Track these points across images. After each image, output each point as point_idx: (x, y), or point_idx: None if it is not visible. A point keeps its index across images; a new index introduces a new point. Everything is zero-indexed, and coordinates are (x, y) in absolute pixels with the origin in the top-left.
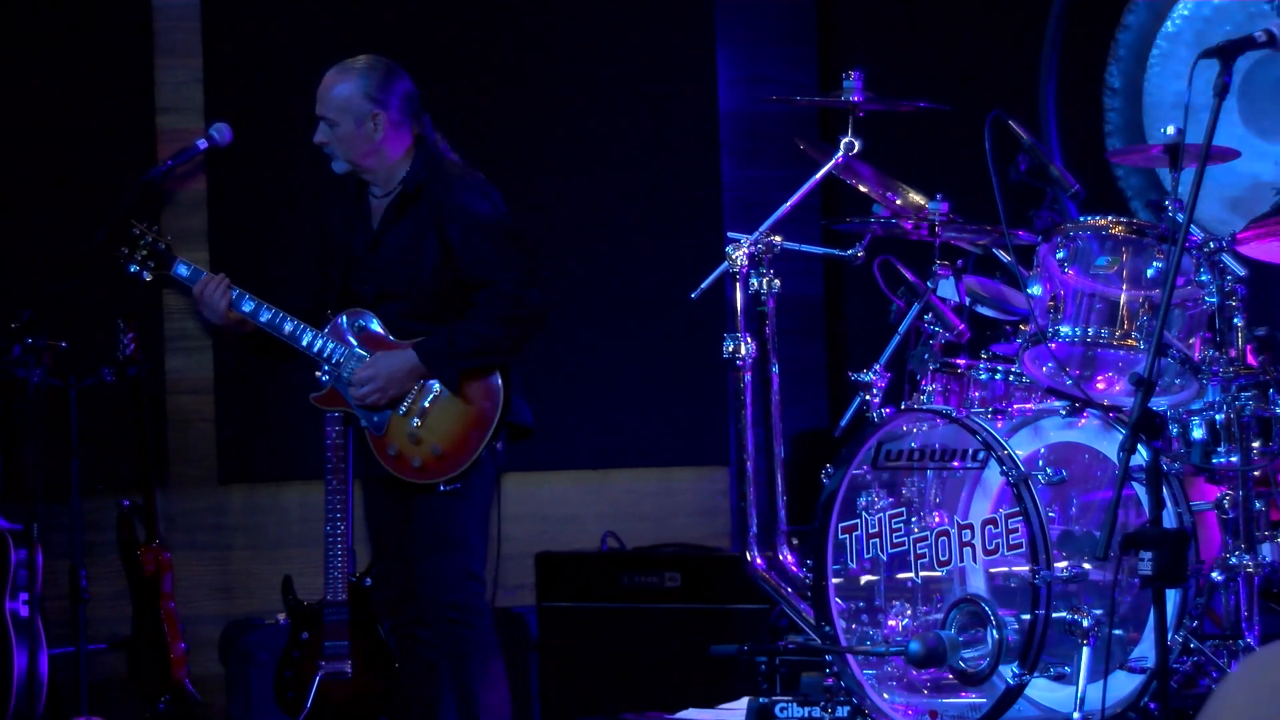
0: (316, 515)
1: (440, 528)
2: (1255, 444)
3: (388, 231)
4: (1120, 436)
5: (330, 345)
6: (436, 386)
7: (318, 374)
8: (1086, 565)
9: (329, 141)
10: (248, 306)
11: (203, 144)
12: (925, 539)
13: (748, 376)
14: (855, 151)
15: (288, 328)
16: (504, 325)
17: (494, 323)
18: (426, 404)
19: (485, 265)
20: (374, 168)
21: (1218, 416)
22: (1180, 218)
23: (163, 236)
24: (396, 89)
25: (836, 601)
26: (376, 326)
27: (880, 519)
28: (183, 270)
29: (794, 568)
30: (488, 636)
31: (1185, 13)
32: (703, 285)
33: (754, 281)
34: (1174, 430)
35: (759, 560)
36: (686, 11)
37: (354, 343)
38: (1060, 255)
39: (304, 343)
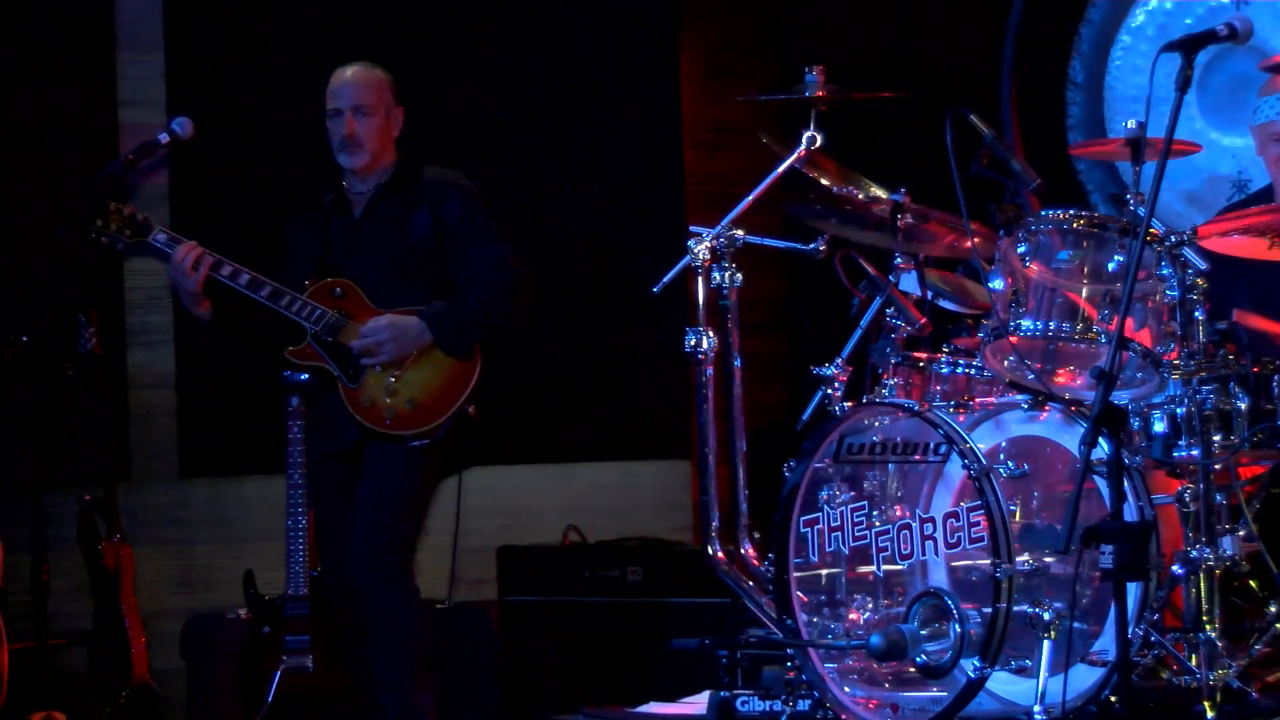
0: (279, 509)
1: (391, 483)
2: (1216, 437)
3: (376, 210)
4: (1082, 430)
5: (309, 306)
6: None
7: (285, 372)
8: (1048, 559)
9: (361, 131)
10: (226, 270)
11: (164, 138)
12: (887, 532)
13: (709, 370)
14: (817, 145)
15: (267, 290)
16: (505, 297)
17: (497, 294)
18: (406, 360)
19: (483, 236)
20: (383, 163)
21: (1179, 410)
22: (1141, 211)
23: (139, 211)
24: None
25: (798, 595)
26: (358, 292)
27: (842, 512)
28: (161, 237)
29: (755, 561)
30: (416, 616)
31: (1149, 6)
32: (665, 279)
33: (716, 275)
34: (1135, 424)
35: (720, 554)
36: (650, 7)
37: (335, 306)
38: (1022, 249)
39: (283, 302)
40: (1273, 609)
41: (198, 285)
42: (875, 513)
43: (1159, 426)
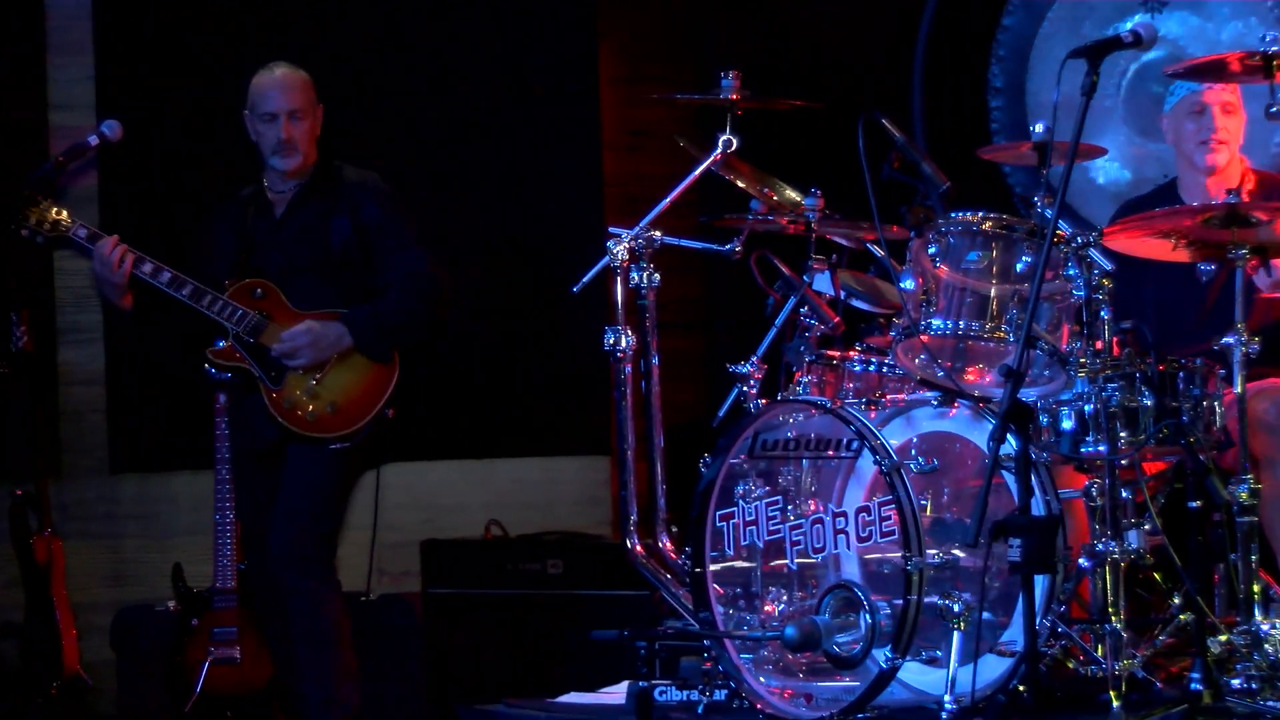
0: (207, 504)
1: (311, 483)
2: (1122, 434)
3: (297, 212)
4: (990, 426)
5: (230, 306)
6: None
7: (206, 367)
8: (957, 552)
9: (297, 135)
10: (147, 267)
11: (93, 140)
12: (800, 526)
13: (628, 368)
14: (733, 149)
15: (188, 289)
16: (424, 303)
17: (416, 300)
18: (327, 363)
19: (403, 241)
20: (309, 163)
21: (1086, 407)
22: (1049, 213)
23: (60, 203)
24: None
25: (714, 588)
26: (279, 294)
27: (757, 507)
28: (82, 232)
29: (673, 555)
30: (338, 611)
31: (1061, 14)
32: (584, 279)
33: (635, 275)
34: (1044, 420)
35: (639, 547)
36: (569, 10)
37: (255, 306)
38: (932, 250)
39: (204, 302)
40: (1176, 601)
41: (122, 279)
42: (789, 507)
43: (1067, 423)
